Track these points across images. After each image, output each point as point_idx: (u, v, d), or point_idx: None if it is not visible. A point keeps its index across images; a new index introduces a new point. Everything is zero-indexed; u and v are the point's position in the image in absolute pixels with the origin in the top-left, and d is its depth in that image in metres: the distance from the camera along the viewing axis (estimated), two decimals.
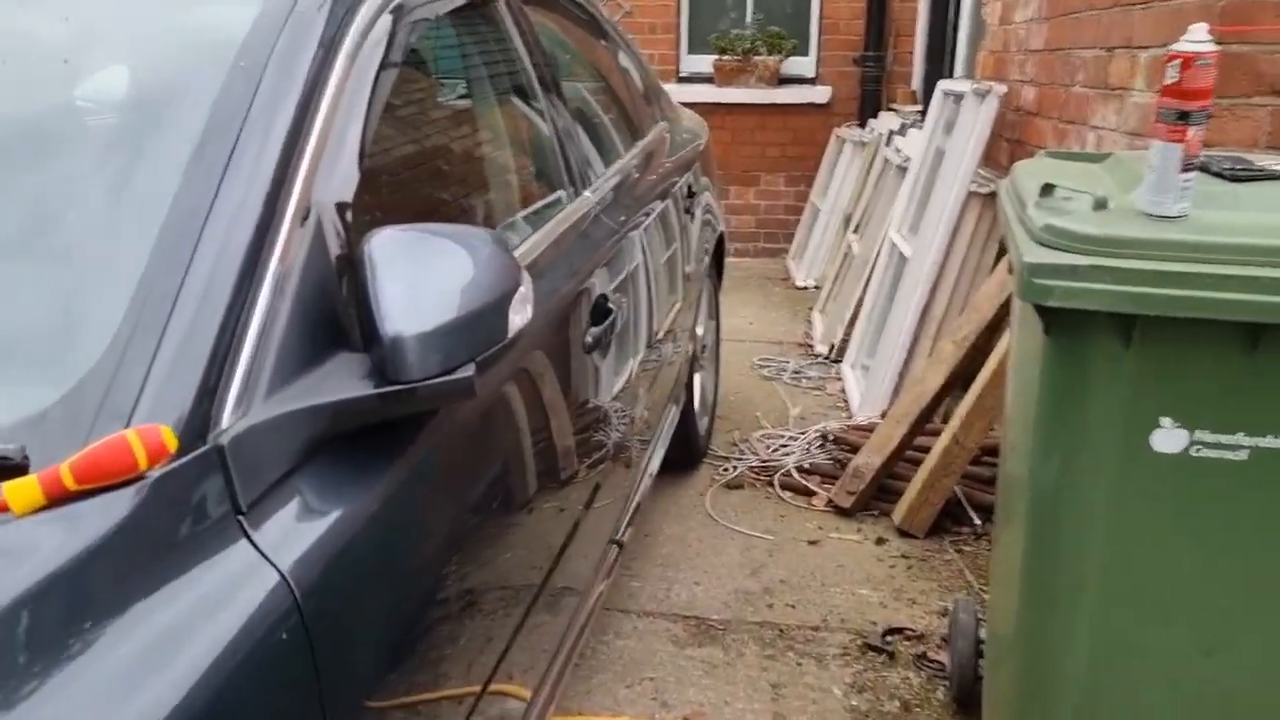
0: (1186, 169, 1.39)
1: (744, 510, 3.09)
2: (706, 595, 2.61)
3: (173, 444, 0.83)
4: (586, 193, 2.00)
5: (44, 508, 0.78)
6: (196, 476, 0.87)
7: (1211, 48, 1.36)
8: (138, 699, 0.74)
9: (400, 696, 1.06)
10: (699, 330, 3.21)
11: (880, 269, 4.23)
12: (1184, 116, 1.38)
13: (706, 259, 3.21)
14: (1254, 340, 1.40)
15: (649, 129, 2.85)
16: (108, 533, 0.79)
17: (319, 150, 1.15)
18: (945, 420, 3.07)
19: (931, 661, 2.33)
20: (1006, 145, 3.73)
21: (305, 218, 1.09)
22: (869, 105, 6.47)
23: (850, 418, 3.68)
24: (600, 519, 1.90)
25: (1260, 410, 1.43)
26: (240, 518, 0.89)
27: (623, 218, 2.13)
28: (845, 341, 4.44)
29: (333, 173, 1.17)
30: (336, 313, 1.09)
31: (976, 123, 3.54)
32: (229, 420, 0.92)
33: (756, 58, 6.53)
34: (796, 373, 4.34)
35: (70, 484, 0.78)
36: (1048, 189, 1.58)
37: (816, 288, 5.69)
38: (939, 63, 5.68)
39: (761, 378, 4.29)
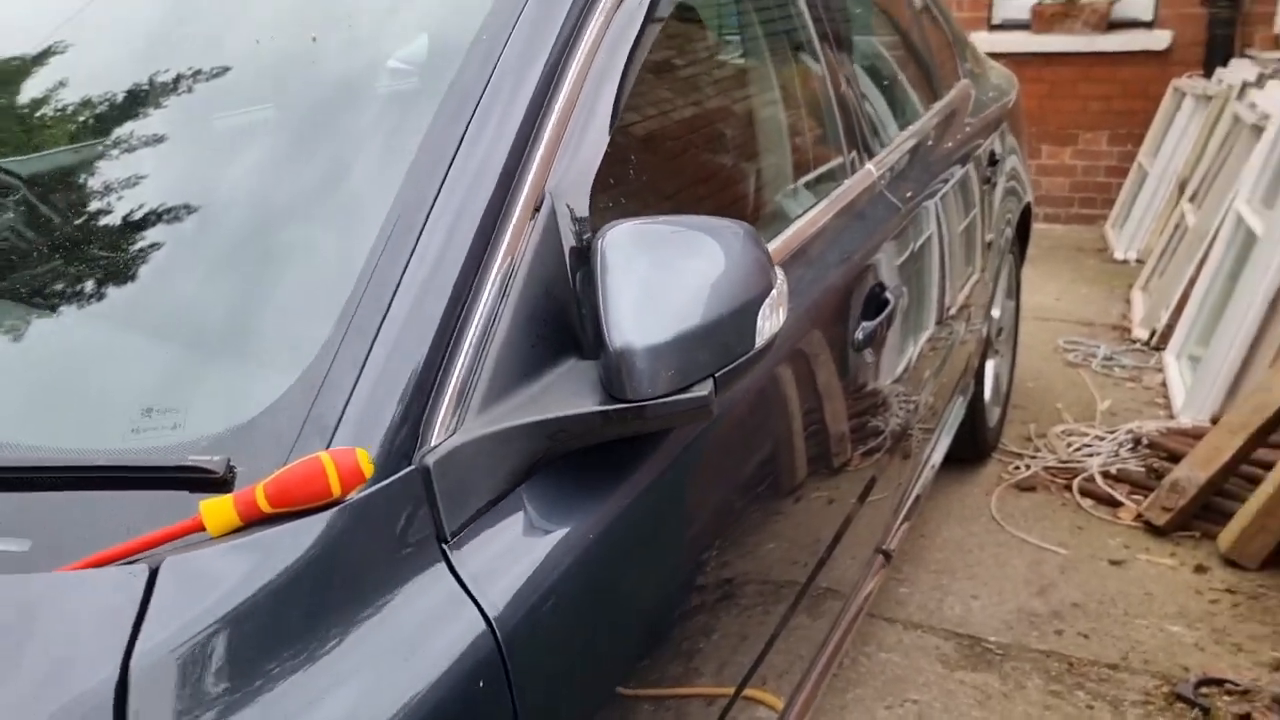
0: None
1: (1036, 517, 2.77)
2: (984, 612, 2.36)
3: (369, 469, 0.76)
4: (869, 164, 1.79)
5: (239, 530, 0.73)
6: (397, 500, 0.79)
7: None
8: None
9: None
10: (995, 312, 2.90)
11: (1221, 245, 3.65)
12: None
13: (1009, 231, 2.88)
14: None
15: (950, 87, 2.57)
16: (299, 560, 0.73)
17: (560, 127, 1.05)
18: None
19: None
20: None
21: (538, 208, 0.99)
22: (1218, 52, 5.63)
23: (1171, 419, 3.22)
24: (865, 528, 1.72)
25: None
26: (443, 546, 0.82)
27: (911, 191, 1.90)
28: (1171, 327, 3.89)
29: (576, 152, 1.06)
30: (568, 315, 0.99)
31: None
32: (438, 437, 0.84)
33: (1083, 0, 5.87)
34: (1108, 359, 3.87)
35: (265, 507, 0.73)
36: None
37: (1139, 262, 5.06)
38: None
39: (1066, 363, 3.86)
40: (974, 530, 2.71)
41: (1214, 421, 2.84)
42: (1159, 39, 5.82)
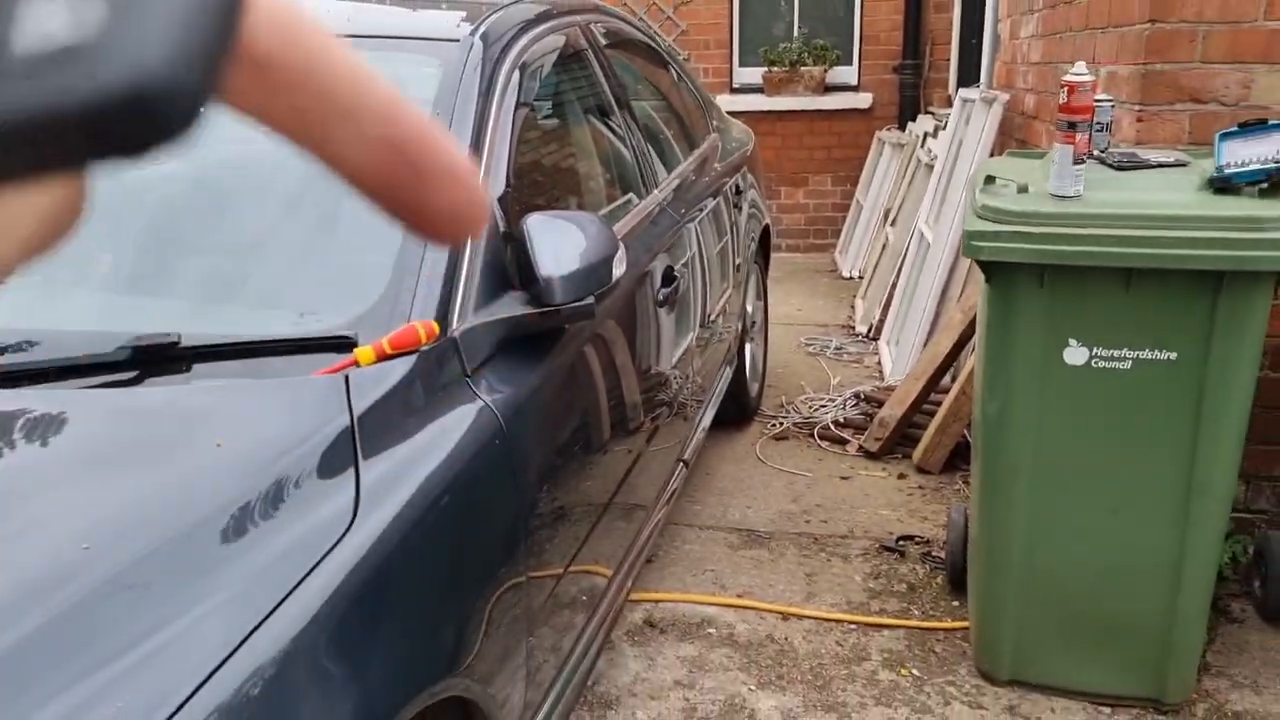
0: (1077, 162, 1.99)
1: (788, 455, 3.70)
2: (755, 515, 3.24)
3: (436, 331, 1.49)
4: (655, 191, 2.65)
5: (375, 362, 1.44)
6: (445, 352, 1.52)
7: (1088, 77, 1.96)
8: (427, 462, 1.39)
9: (556, 489, 1.72)
10: (748, 308, 3.83)
11: (911, 255, 4.81)
12: (1072, 126, 1.98)
13: (753, 246, 3.84)
14: (1127, 282, 1.99)
15: (703, 139, 3.49)
16: (408, 375, 1.44)
17: (489, 161, 1.81)
18: (954, 377, 3.65)
19: (934, 558, 2.93)
20: (1014, 144, 4.29)
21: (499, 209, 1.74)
22: (907, 110, 7.03)
23: (882, 382, 4.28)
24: (670, 434, 2.54)
25: (1137, 332, 2.03)
26: (467, 379, 1.55)
27: (682, 210, 2.77)
28: (882, 321, 5.02)
29: (497, 177, 1.82)
30: (504, 267, 1.75)
31: (985, 126, 4.11)
32: (456, 325, 1.57)
33: (803, 68, 7.13)
34: (838, 349, 4.94)
35: (388, 349, 1.44)
36: (989, 179, 2.18)
37: (860, 277, 6.27)
38: (971, 69, 6.23)
39: (807, 354, 4.89)
40: (745, 467, 3.60)
41: None
42: (864, 99, 7.17)
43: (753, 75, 7.27)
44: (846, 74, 7.27)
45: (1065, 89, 1.98)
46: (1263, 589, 2.61)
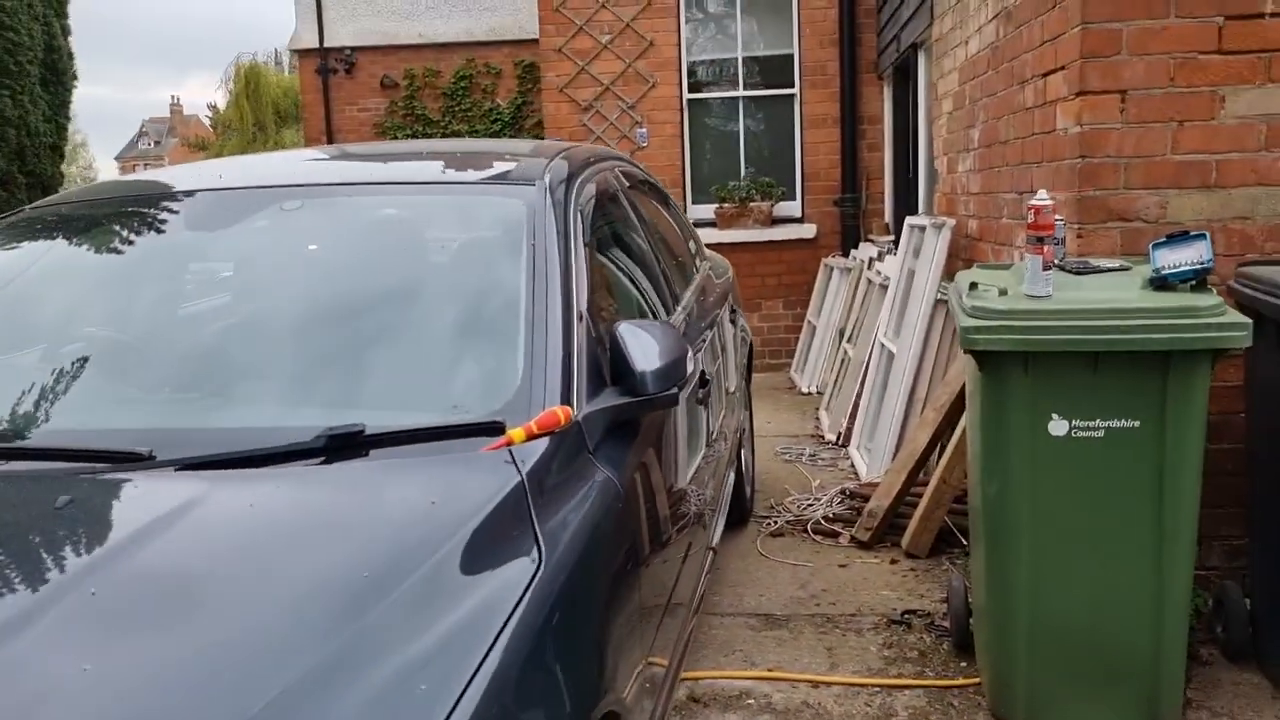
0: (1045, 269, 2.45)
1: (787, 550, 4.03)
2: (769, 601, 3.54)
3: (571, 414, 1.83)
4: (678, 310, 3.05)
5: (525, 440, 1.76)
6: (576, 432, 1.85)
7: (1049, 202, 2.43)
8: (578, 518, 1.70)
9: (653, 544, 2.02)
10: (743, 416, 4.22)
11: (873, 367, 5.27)
12: (1040, 240, 2.44)
13: (745, 362, 4.25)
14: (1095, 364, 2.42)
15: (697, 266, 3.93)
16: (549, 451, 1.76)
17: (576, 281, 2.18)
18: (934, 468, 4.05)
19: (938, 627, 3.26)
20: (960, 263, 4.83)
21: (580, 318, 2.11)
22: (849, 238, 7.67)
23: (859, 482, 4.66)
24: (707, 518, 2.87)
25: (1106, 405, 2.45)
26: (590, 455, 1.88)
27: (700, 325, 3.17)
28: (849, 429, 5.45)
29: (584, 289, 2.19)
30: (600, 367, 2.10)
31: (936, 248, 4.65)
32: (578, 411, 1.91)
33: (752, 204, 7.77)
34: (812, 455, 5.34)
35: (535, 430, 1.77)
36: (973, 285, 2.63)
37: (819, 392, 6.73)
38: (904, 200, 6.89)
39: (784, 461, 5.27)
40: (750, 561, 3.92)
41: (886, 474, 4.27)
42: (808, 230, 7.80)
43: (705, 211, 7.87)
44: (791, 208, 7.92)
45: (1032, 211, 2.46)
46: (1225, 632, 2.99)
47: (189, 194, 2.41)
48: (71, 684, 1.16)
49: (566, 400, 1.90)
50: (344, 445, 1.70)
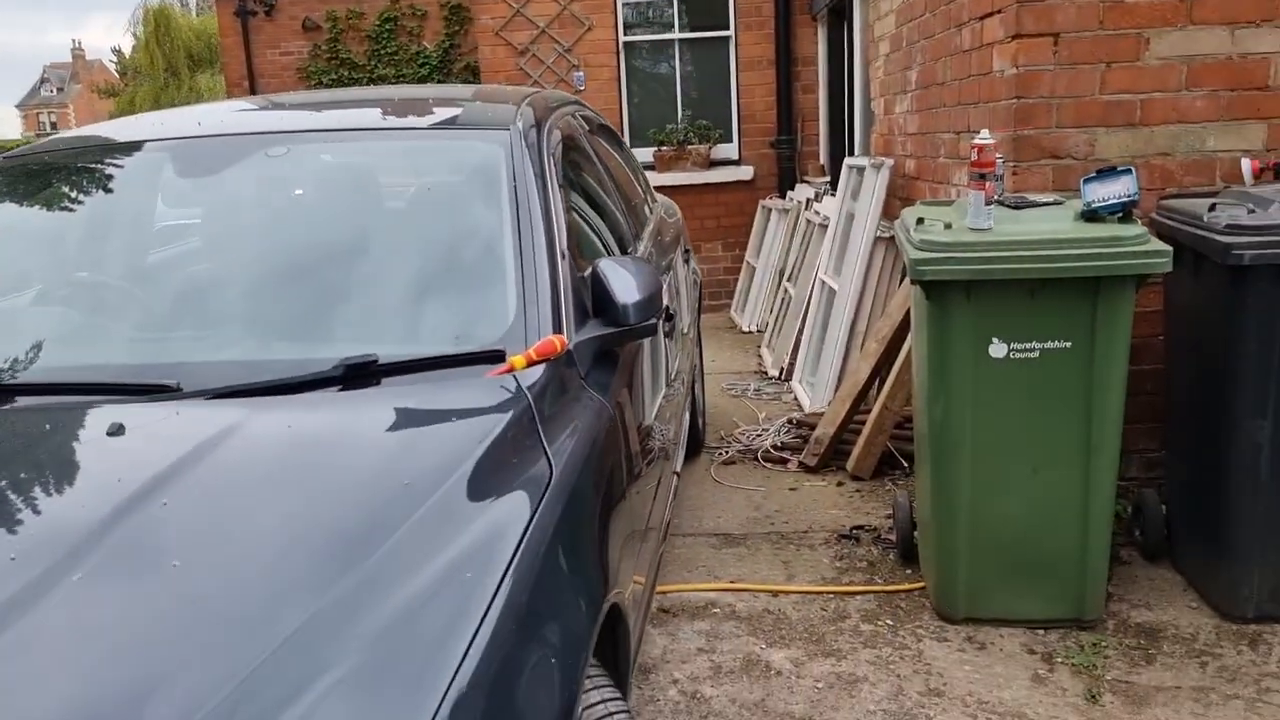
0: (987, 204, 2.65)
1: (739, 476, 4.25)
2: (726, 522, 3.76)
3: (566, 343, 1.97)
4: (641, 248, 3.19)
5: (526, 366, 1.90)
6: (569, 359, 2.00)
7: (991, 140, 2.63)
8: (578, 435, 1.86)
9: (641, 459, 2.20)
10: (697, 352, 4.40)
11: (814, 304, 5.48)
12: (983, 176, 2.64)
13: (699, 299, 4.42)
14: (1032, 291, 2.64)
15: (652, 208, 4.07)
16: (548, 376, 1.91)
17: (556, 216, 2.31)
18: (876, 397, 4.29)
19: (884, 541, 3.51)
20: (898, 202, 5.04)
21: (564, 255, 2.24)
22: (786, 179, 7.85)
23: (805, 413, 4.89)
24: (674, 441, 3.05)
25: (1042, 328, 2.68)
26: (583, 380, 2.03)
27: (662, 263, 3.32)
28: (792, 364, 5.67)
29: (564, 227, 2.32)
30: (583, 301, 2.24)
31: (876, 187, 4.85)
32: (569, 342, 2.06)
33: (690, 146, 7.88)
34: (757, 390, 5.55)
35: (534, 356, 1.91)
36: (920, 220, 2.82)
37: (760, 330, 6.95)
38: (839, 142, 7.08)
39: (731, 397, 5.48)
40: (705, 488, 4.13)
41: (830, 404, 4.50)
42: (746, 172, 7.96)
43: (644, 154, 7.95)
44: (729, 150, 8.06)
45: (975, 149, 2.65)
46: (1143, 536, 3.28)
47: (174, 141, 2.46)
48: (158, 581, 1.29)
49: (558, 330, 2.04)
50: (359, 374, 1.83)
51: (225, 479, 1.50)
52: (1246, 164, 3.05)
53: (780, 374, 5.78)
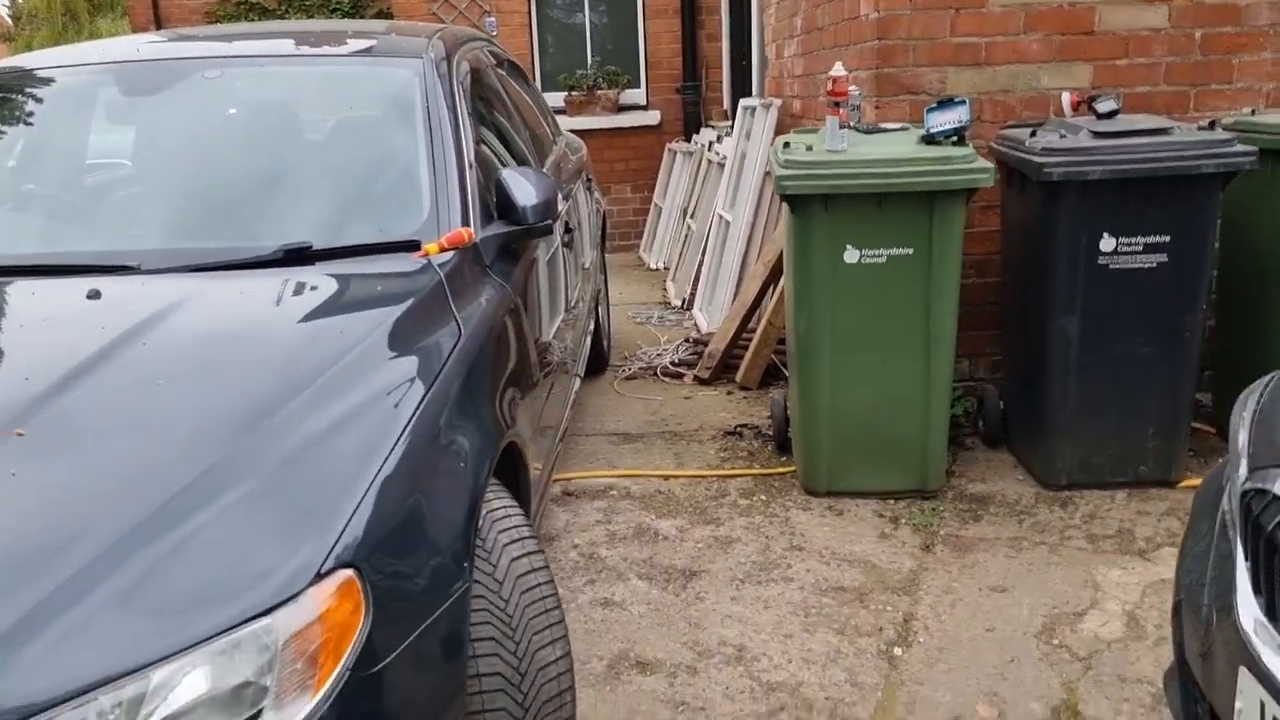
0: (840, 129, 3.07)
1: (639, 389, 4.66)
2: (625, 424, 4.17)
3: (473, 235, 2.33)
4: (545, 166, 3.54)
5: (438, 253, 2.25)
6: (475, 250, 2.36)
7: (844, 73, 3.04)
8: (484, 310, 2.22)
9: (541, 339, 2.57)
10: (599, 278, 4.77)
11: (712, 237, 5.90)
12: (837, 104, 3.06)
13: (600, 229, 4.79)
14: (880, 203, 3.08)
15: (557, 141, 4.41)
16: (457, 261, 2.27)
17: (464, 132, 2.65)
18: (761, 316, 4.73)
19: (763, 435, 3.96)
20: None
21: (470, 166, 2.59)
22: (691, 124, 8.22)
23: (702, 333, 5.31)
24: (574, 343, 3.43)
25: (888, 237, 3.12)
26: (488, 268, 2.39)
27: (564, 185, 3.68)
28: (693, 294, 6.09)
29: (471, 142, 2.67)
30: (488, 206, 2.59)
31: (766, 125, 5.26)
32: (476, 235, 2.41)
33: (599, 91, 8.19)
34: (660, 318, 5.97)
35: (445, 245, 2.26)
36: (786, 144, 3.23)
37: (666, 267, 7.34)
38: (741, 86, 7.47)
39: (636, 324, 5.88)
40: (608, 399, 4.53)
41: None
42: (653, 117, 8.30)
43: (555, 99, 8.22)
44: (637, 95, 8.39)
45: (830, 80, 3.06)
46: (984, 426, 3.79)
47: (120, 65, 2.73)
48: (137, 405, 1.64)
49: (466, 225, 2.40)
50: (296, 258, 2.17)
51: (188, 331, 1.84)
52: (1066, 97, 3.53)
53: (682, 303, 6.19)
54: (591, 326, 4.39)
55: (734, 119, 7.36)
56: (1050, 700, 2.38)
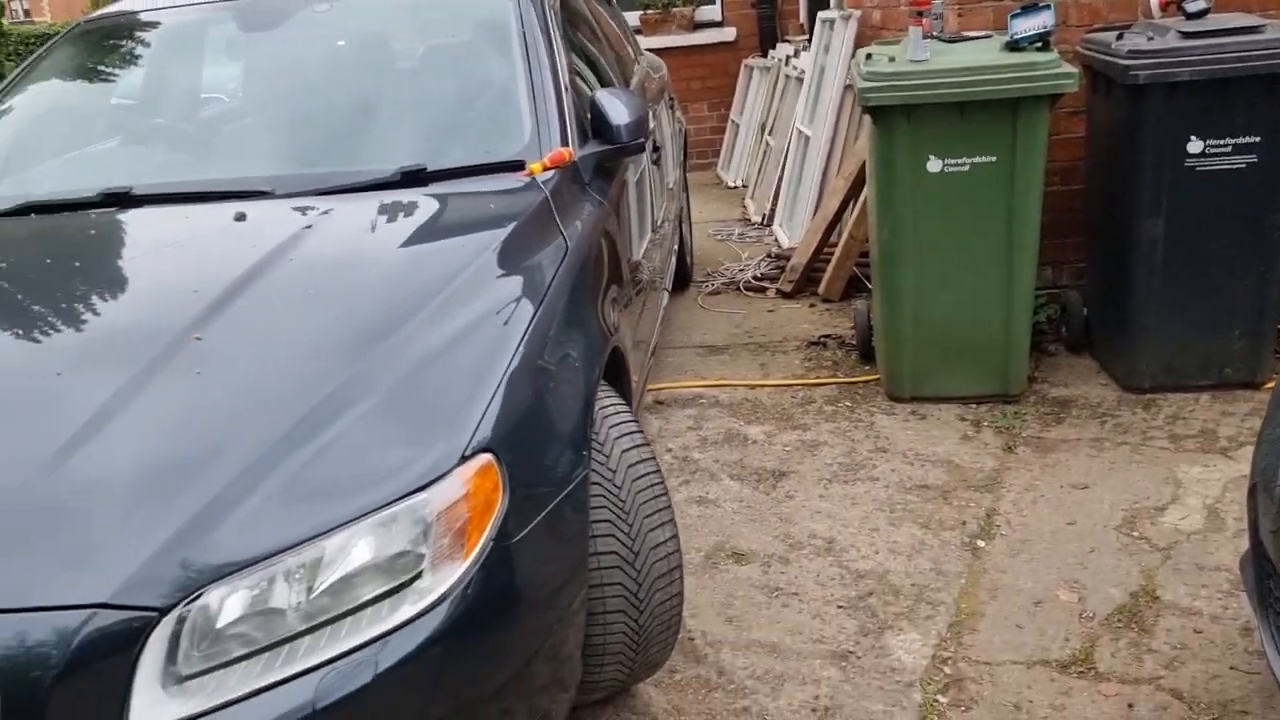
0: (924, 39, 3.10)
1: (723, 304, 4.79)
2: (711, 337, 4.32)
3: (573, 154, 2.46)
4: (632, 84, 3.64)
5: (541, 171, 2.40)
6: (574, 168, 2.49)
7: None
8: (585, 223, 2.37)
9: (636, 252, 2.72)
10: (681, 196, 4.88)
11: (792, 152, 5.93)
12: (920, 14, 3.09)
13: (683, 147, 4.88)
14: (962, 112, 3.12)
15: (640, 62, 4.49)
16: (559, 179, 2.40)
17: (558, 56, 2.77)
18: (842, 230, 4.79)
19: (847, 344, 4.07)
20: None
21: (567, 89, 2.71)
22: (767, 39, 8.15)
23: (783, 248, 5.40)
24: (663, 260, 3.57)
25: (971, 145, 3.17)
26: (586, 185, 2.53)
27: (652, 102, 3.78)
28: (773, 210, 6.15)
29: (565, 65, 2.79)
30: (584, 126, 2.72)
31: (845, 37, 5.24)
32: (574, 153, 2.54)
33: (674, 9, 8.17)
34: (740, 235, 6.05)
35: (548, 164, 2.40)
36: (868, 56, 3.28)
37: (744, 185, 7.39)
38: (817, 1, 7.37)
39: (717, 241, 5.98)
40: (694, 314, 4.67)
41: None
42: (728, 33, 8.26)
43: (631, 19, 8.23)
44: (712, 12, 8.34)
45: None
46: (1068, 332, 3.84)
47: (235, 2, 2.92)
48: (291, 316, 1.83)
49: (565, 145, 2.54)
50: (412, 179, 2.34)
51: (328, 247, 2.03)
52: None
53: (762, 220, 6.26)
54: (676, 244, 4.51)
55: (811, 33, 7.30)
56: (1129, 586, 2.50)
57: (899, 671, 2.28)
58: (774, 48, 7.90)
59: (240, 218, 2.15)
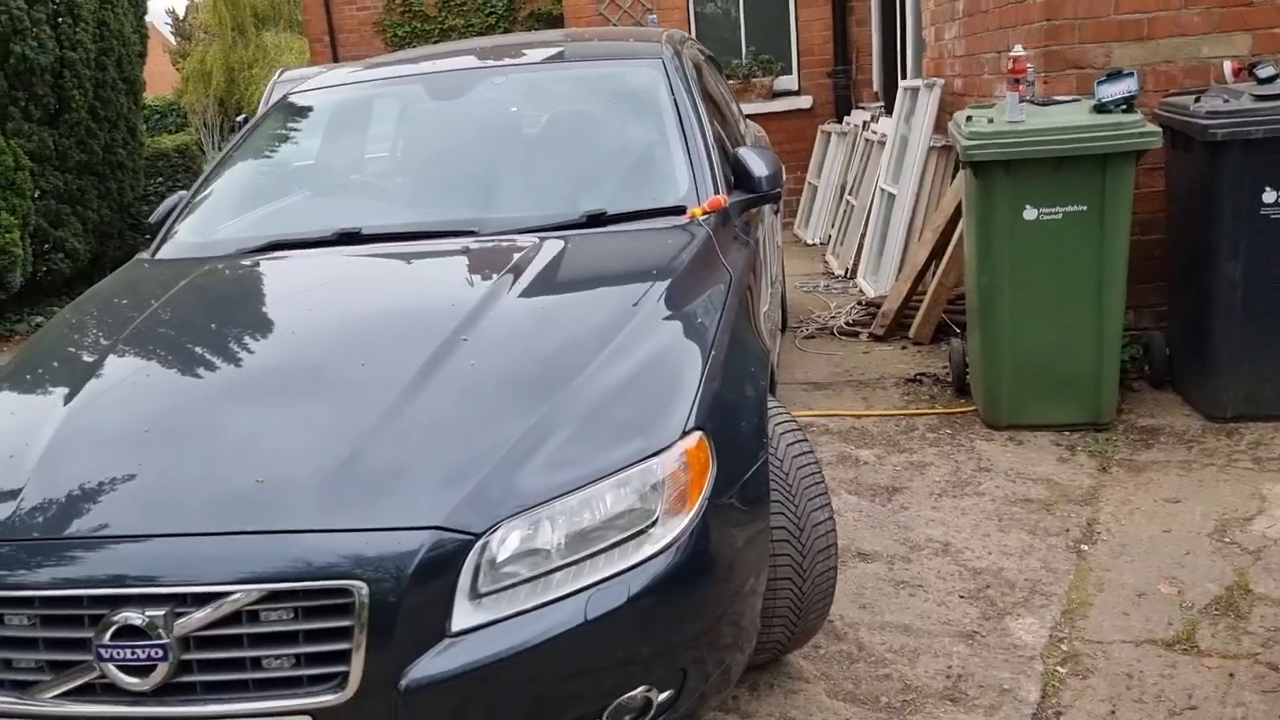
0: (1020, 104, 3.50)
1: (819, 346, 5.16)
2: (813, 375, 4.69)
3: (726, 201, 2.88)
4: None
5: (702, 215, 2.80)
6: (725, 214, 2.90)
7: (1023, 54, 3.48)
8: (738, 258, 2.77)
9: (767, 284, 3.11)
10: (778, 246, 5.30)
11: (875, 210, 6.33)
12: (1017, 81, 3.49)
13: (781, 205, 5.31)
14: (1057, 166, 3.50)
15: (746, 123, 4.95)
16: (716, 221, 2.81)
17: (703, 116, 3.20)
18: (932, 279, 5.16)
19: (942, 382, 4.41)
20: (947, 117, 5.84)
21: (714, 145, 3.14)
22: (842, 106, 8.63)
23: (872, 296, 5.77)
24: (775, 300, 3.96)
25: (1064, 196, 3.54)
26: (736, 227, 2.94)
27: None
28: (856, 264, 6.54)
29: (709, 124, 3.22)
30: (729, 177, 3.14)
31: (929, 103, 5.66)
32: (727, 200, 2.96)
33: (754, 79, 8.69)
34: (826, 286, 6.44)
35: (707, 208, 2.81)
36: (969, 118, 3.68)
37: (823, 243, 7.79)
38: (891, 70, 7.84)
39: (804, 292, 6.37)
40: (792, 355, 5.05)
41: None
42: (805, 101, 8.75)
43: None
44: (789, 82, 8.86)
45: (1011, 60, 3.50)
46: (1151, 370, 4.15)
47: (421, 75, 3.42)
48: (530, 323, 2.25)
49: (717, 193, 2.96)
50: (594, 221, 2.77)
51: (550, 270, 2.46)
52: (1228, 65, 3.86)
53: (845, 273, 6.65)
54: (779, 295, 4.91)
55: (885, 100, 7.75)
56: (1224, 582, 2.79)
57: (1021, 648, 2.59)
58: (849, 114, 8.37)
59: (463, 251, 2.59)
